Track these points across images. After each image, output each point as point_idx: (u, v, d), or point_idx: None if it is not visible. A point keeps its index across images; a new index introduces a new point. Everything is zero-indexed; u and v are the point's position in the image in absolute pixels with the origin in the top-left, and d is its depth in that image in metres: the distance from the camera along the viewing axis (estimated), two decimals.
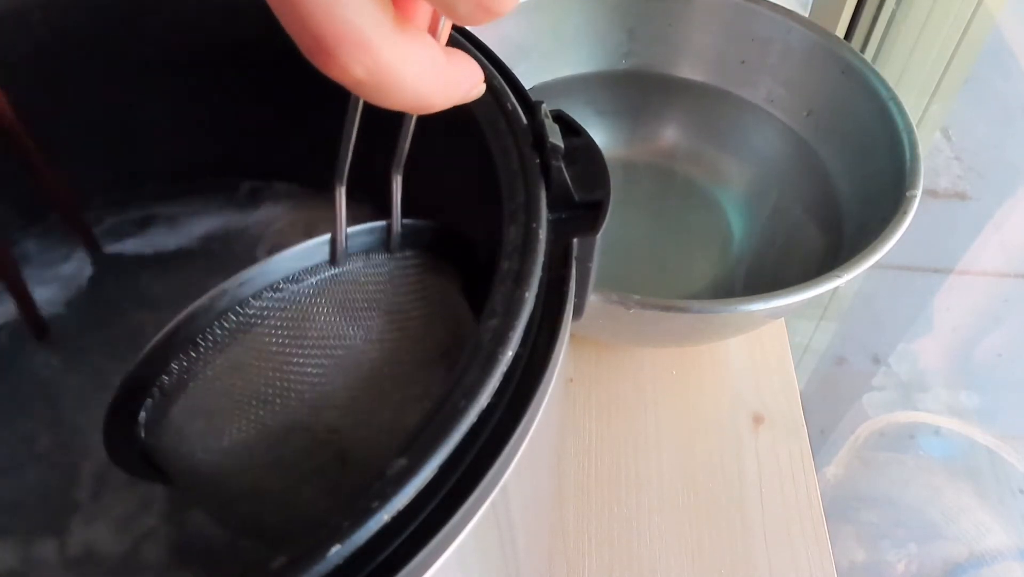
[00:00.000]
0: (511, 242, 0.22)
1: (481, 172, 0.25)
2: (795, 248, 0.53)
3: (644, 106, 0.60)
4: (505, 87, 0.26)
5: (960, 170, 0.90)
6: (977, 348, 0.80)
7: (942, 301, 0.82)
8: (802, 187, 0.55)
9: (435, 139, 0.28)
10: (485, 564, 0.21)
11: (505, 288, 0.21)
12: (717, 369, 0.52)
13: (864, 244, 0.42)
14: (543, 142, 0.24)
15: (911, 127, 0.48)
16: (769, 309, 0.40)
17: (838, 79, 0.52)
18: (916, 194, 0.44)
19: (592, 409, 0.49)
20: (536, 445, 0.20)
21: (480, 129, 0.25)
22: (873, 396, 0.75)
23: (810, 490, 0.46)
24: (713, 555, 0.44)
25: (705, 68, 0.58)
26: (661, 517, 0.45)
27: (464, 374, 0.19)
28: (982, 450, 0.72)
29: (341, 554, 0.16)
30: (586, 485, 0.46)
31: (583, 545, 0.44)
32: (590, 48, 0.58)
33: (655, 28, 0.58)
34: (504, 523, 0.21)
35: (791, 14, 0.54)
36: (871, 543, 0.66)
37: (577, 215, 0.24)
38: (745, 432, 0.49)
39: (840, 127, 0.53)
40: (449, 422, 0.18)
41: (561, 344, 0.21)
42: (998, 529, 0.67)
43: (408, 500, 0.17)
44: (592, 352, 0.52)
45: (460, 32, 0.28)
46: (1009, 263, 0.84)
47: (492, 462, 0.18)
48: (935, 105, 0.81)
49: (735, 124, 0.58)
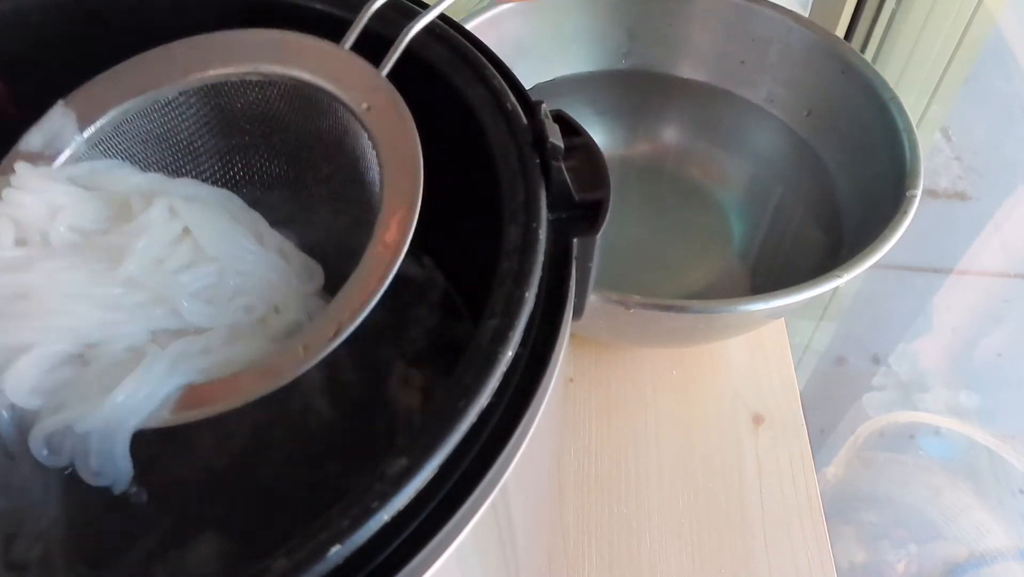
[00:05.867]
0: (511, 242, 0.22)
1: (481, 172, 0.25)
2: (795, 248, 0.53)
3: (644, 106, 0.60)
4: (505, 87, 0.26)
5: (960, 170, 0.90)
6: (977, 348, 0.80)
7: (942, 301, 0.82)
8: (802, 187, 0.55)
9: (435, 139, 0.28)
10: (485, 564, 0.21)
11: (505, 288, 0.21)
12: (717, 369, 0.51)
13: (864, 244, 0.42)
14: (543, 142, 0.24)
15: (911, 127, 0.48)
16: (769, 309, 0.40)
17: (838, 79, 0.52)
18: (916, 194, 0.44)
19: (592, 409, 0.49)
20: (536, 445, 0.20)
21: (480, 129, 0.25)
22: (873, 396, 0.75)
23: (810, 490, 0.46)
24: (713, 555, 0.44)
25: (705, 68, 0.58)
26: (661, 517, 0.45)
27: (464, 374, 0.19)
28: (982, 450, 0.72)
29: (341, 554, 0.16)
30: (586, 485, 0.46)
31: (583, 545, 0.44)
32: (590, 48, 0.58)
33: (655, 28, 0.58)
34: (504, 523, 0.21)
35: (791, 14, 0.54)
36: (871, 543, 0.66)
37: (577, 215, 0.24)
38: (745, 432, 0.49)
39: (840, 127, 0.53)
40: (449, 422, 0.18)
41: (561, 344, 0.21)
42: (998, 529, 0.67)
43: (408, 500, 0.17)
44: (592, 352, 0.52)
45: (460, 32, 0.28)
46: (1009, 263, 0.84)
47: (492, 462, 0.18)
48: (935, 105, 0.81)
49: (735, 124, 0.58)
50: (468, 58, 0.27)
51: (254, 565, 0.16)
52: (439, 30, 0.28)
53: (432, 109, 0.28)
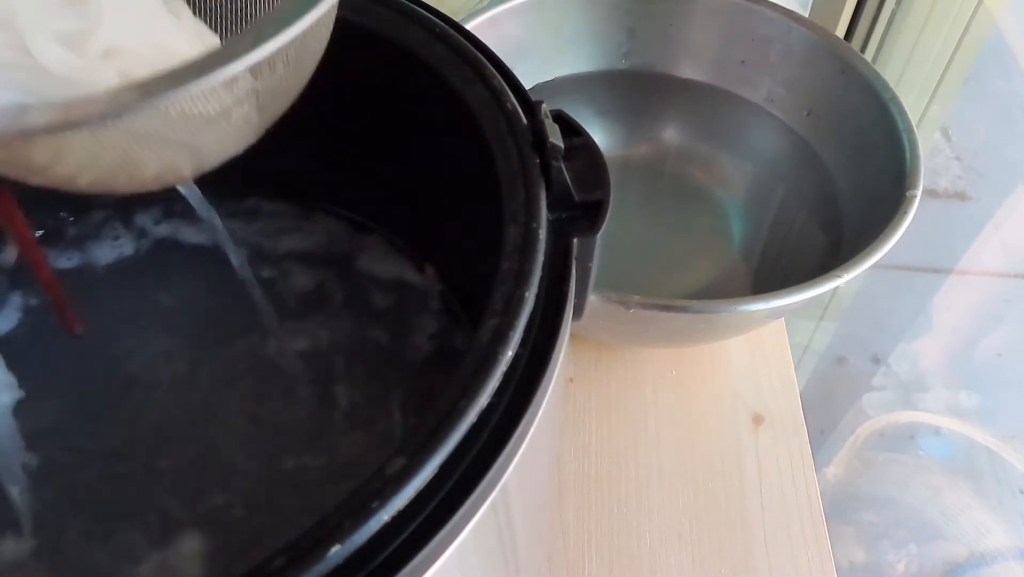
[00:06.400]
0: (511, 242, 0.22)
1: (481, 172, 0.25)
2: (795, 248, 0.53)
3: (644, 106, 0.60)
4: (505, 87, 0.26)
5: (960, 170, 0.90)
6: (977, 348, 0.80)
7: (942, 301, 0.82)
8: (802, 187, 0.55)
9: (435, 139, 0.28)
10: (485, 564, 0.21)
11: (505, 288, 0.21)
12: (717, 369, 0.51)
13: (864, 244, 0.42)
14: (543, 142, 0.24)
15: (911, 127, 0.48)
16: (769, 309, 0.40)
17: (838, 79, 0.52)
18: (916, 194, 0.44)
19: (592, 409, 0.49)
20: (536, 445, 0.20)
21: (480, 129, 0.25)
22: (873, 396, 0.75)
23: (810, 490, 0.46)
24: (713, 555, 0.44)
25: (705, 68, 0.58)
26: (661, 517, 0.45)
27: (464, 374, 0.19)
28: (982, 450, 0.72)
29: (341, 554, 0.16)
30: (586, 485, 0.46)
31: (583, 545, 0.44)
32: (590, 48, 0.58)
33: (655, 28, 0.58)
34: (504, 523, 0.21)
35: (791, 14, 0.54)
36: (871, 543, 0.66)
37: (577, 215, 0.24)
38: (745, 432, 0.49)
39: (840, 127, 0.53)
40: (449, 422, 0.18)
41: (561, 344, 0.21)
42: (998, 529, 0.67)
43: (408, 500, 0.17)
44: (592, 352, 0.52)
45: (460, 32, 0.28)
46: (1009, 263, 0.84)
47: (492, 462, 0.18)
48: (935, 105, 0.81)
49: (735, 124, 0.58)
50: (468, 58, 0.27)
51: (253, 565, 0.16)
52: (439, 30, 0.28)
53: (432, 109, 0.28)
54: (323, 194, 0.39)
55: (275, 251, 0.38)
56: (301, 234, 0.39)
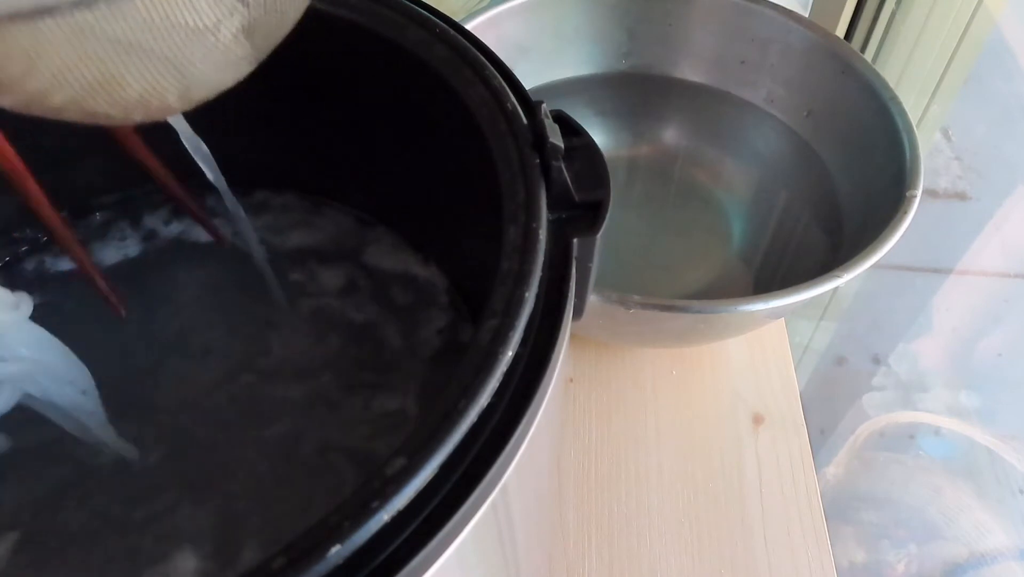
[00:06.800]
0: (511, 242, 0.22)
1: (481, 172, 0.25)
2: (795, 248, 0.53)
3: (644, 106, 0.60)
4: (505, 87, 0.26)
5: (960, 170, 0.90)
6: (977, 348, 0.80)
7: (942, 301, 0.82)
8: (802, 187, 0.55)
9: (435, 139, 0.28)
10: (485, 564, 0.21)
11: (505, 288, 0.21)
12: (717, 369, 0.52)
13: (864, 244, 0.42)
14: (543, 142, 0.24)
15: (911, 127, 0.48)
16: (769, 309, 0.40)
17: (838, 79, 0.52)
18: (916, 194, 0.44)
19: (592, 409, 0.49)
20: (536, 445, 0.20)
21: (480, 129, 0.25)
22: (873, 396, 0.75)
23: (810, 490, 0.46)
24: (713, 555, 0.44)
25: (705, 68, 0.58)
26: (661, 517, 0.45)
27: (464, 374, 0.19)
28: (982, 450, 0.72)
29: (341, 554, 0.16)
30: (586, 485, 0.46)
31: (583, 545, 0.44)
32: (590, 48, 0.58)
33: (655, 28, 0.58)
34: (504, 523, 0.21)
35: (791, 14, 0.54)
36: (871, 543, 0.66)
37: (577, 215, 0.24)
38: (745, 432, 0.49)
39: (840, 127, 0.53)
40: (449, 422, 0.18)
41: (561, 344, 0.21)
42: (998, 529, 0.67)
43: (408, 500, 0.17)
44: (592, 352, 0.52)
45: (460, 32, 0.28)
46: (1009, 263, 0.84)
47: (492, 462, 0.18)
48: (935, 105, 0.81)
49: (735, 124, 0.58)
50: (468, 58, 0.27)
51: (254, 565, 0.16)
52: (439, 30, 0.28)
53: (432, 109, 0.28)
54: (329, 190, 0.39)
55: (284, 245, 0.39)
56: (310, 228, 0.39)
